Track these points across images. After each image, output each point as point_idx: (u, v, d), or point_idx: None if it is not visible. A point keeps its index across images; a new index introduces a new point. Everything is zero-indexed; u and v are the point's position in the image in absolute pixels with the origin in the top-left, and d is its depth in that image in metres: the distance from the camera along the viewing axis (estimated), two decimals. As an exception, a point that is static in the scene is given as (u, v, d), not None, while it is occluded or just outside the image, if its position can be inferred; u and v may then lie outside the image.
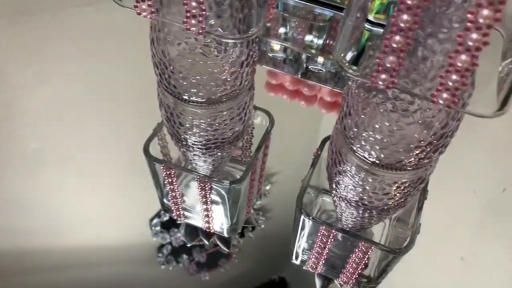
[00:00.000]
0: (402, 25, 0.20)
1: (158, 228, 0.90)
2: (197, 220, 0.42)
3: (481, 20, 0.18)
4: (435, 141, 0.26)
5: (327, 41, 0.39)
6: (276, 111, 0.40)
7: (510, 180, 0.45)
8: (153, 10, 0.25)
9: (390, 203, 0.31)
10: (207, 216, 0.40)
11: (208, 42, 0.27)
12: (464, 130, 0.26)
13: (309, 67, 0.43)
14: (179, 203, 0.40)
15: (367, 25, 0.24)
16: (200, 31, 0.24)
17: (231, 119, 0.33)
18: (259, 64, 0.48)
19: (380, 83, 0.22)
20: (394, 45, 0.21)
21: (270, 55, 0.44)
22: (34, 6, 0.43)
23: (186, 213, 0.42)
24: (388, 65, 0.21)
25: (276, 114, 0.40)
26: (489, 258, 0.48)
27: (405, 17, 0.20)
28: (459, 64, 0.20)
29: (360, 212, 0.33)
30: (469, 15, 0.19)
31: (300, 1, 0.35)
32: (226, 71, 0.29)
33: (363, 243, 0.33)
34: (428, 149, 0.26)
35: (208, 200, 0.38)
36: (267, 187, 0.81)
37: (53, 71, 0.50)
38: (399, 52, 0.21)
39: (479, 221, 0.49)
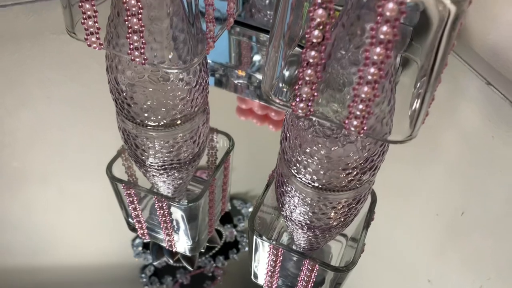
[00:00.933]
0: (311, 60, 0.22)
1: (140, 248, 0.91)
2: (160, 240, 0.43)
3: (375, 57, 0.21)
4: (360, 164, 0.28)
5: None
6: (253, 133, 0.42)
7: (468, 204, 0.47)
8: (101, 42, 0.27)
9: (330, 222, 0.33)
10: (168, 235, 0.41)
11: (155, 71, 0.29)
12: (424, 154, 0.28)
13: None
14: (142, 222, 0.42)
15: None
16: (143, 61, 0.27)
17: (185, 141, 0.35)
18: (224, 89, 0.51)
19: (300, 111, 0.24)
20: (307, 78, 0.23)
21: (235, 81, 0.46)
22: (14, 33, 0.46)
23: (151, 232, 0.44)
24: (304, 95, 0.24)
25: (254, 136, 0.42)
26: (455, 280, 0.49)
27: (312, 53, 0.22)
28: (363, 95, 0.22)
29: (305, 231, 0.34)
30: (366, 53, 0.21)
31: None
32: (176, 97, 0.31)
33: (307, 261, 0.34)
34: (355, 172, 0.28)
35: (167, 219, 0.39)
36: (250, 209, 0.83)
37: (34, 94, 0.53)
38: (312, 84, 0.23)
39: (443, 243, 0.50)
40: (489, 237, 0.44)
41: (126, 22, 0.25)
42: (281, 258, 0.36)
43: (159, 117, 0.32)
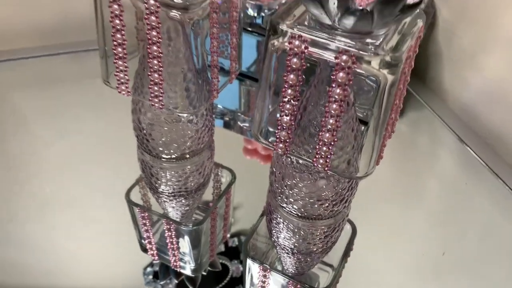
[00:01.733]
0: (286, 111, 0.29)
1: (150, 277, 0.96)
2: (168, 260, 0.49)
3: (332, 111, 0.27)
4: (332, 197, 0.34)
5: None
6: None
7: (448, 245, 0.51)
8: (129, 90, 0.35)
9: (311, 248, 0.38)
10: (174, 255, 0.47)
11: (170, 114, 0.36)
12: (409, 197, 0.33)
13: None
14: (152, 243, 0.48)
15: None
16: (161, 107, 0.34)
17: (192, 172, 0.41)
18: (232, 131, 0.58)
19: (279, 151, 0.31)
20: (284, 124, 0.30)
21: (241, 124, 0.53)
22: (59, 77, 0.55)
23: (160, 253, 0.50)
24: (282, 138, 0.30)
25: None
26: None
27: (287, 106, 0.29)
28: (325, 140, 0.28)
29: (290, 255, 0.40)
30: (326, 108, 0.27)
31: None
32: (186, 135, 0.38)
33: (291, 281, 0.40)
34: (327, 203, 0.34)
35: (174, 241, 0.46)
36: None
37: (69, 128, 0.61)
38: (288, 129, 0.30)
39: (430, 282, 0.54)
40: (468, 275, 0.48)
41: (149, 76, 0.32)
42: (269, 279, 0.41)
43: (171, 151, 0.39)
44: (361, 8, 0.24)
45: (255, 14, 0.49)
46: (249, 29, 0.50)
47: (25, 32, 0.61)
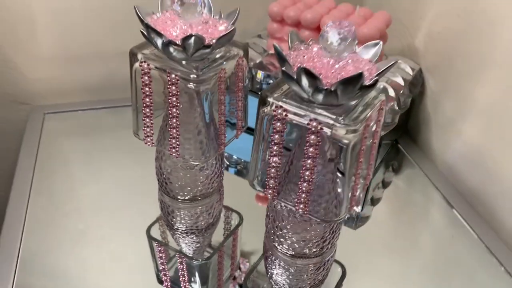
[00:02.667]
0: (274, 163, 0.36)
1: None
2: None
3: (308, 166, 0.34)
4: (315, 238, 0.40)
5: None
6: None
7: None
8: (153, 142, 0.43)
9: (301, 284, 0.44)
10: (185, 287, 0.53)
11: (185, 162, 0.44)
12: (401, 247, 0.37)
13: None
14: (167, 276, 0.54)
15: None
16: (177, 156, 0.42)
17: (202, 212, 0.48)
18: (244, 178, 0.65)
19: (269, 196, 0.38)
20: (272, 174, 0.37)
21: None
22: (99, 127, 0.64)
23: (173, 285, 0.56)
24: (270, 185, 0.37)
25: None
26: None
27: (275, 159, 0.36)
28: (304, 189, 0.35)
29: (282, 291, 0.45)
30: (303, 163, 0.34)
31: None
32: (197, 180, 0.46)
33: (282, 314, 0.45)
34: (310, 244, 0.40)
35: (185, 273, 0.52)
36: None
37: (105, 172, 0.69)
38: (276, 178, 0.37)
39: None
40: None
41: (169, 131, 0.40)
42: (264, 311, 0.47)
43: (185, 193, 0.46)
44: (326, 87, 0.31)
45: (264, 81, 0.57)
46: (259, 93, 0.58)
47: (74, 88, 0.72)
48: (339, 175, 0.36)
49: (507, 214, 0.54)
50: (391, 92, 0.56)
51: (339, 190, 0.37)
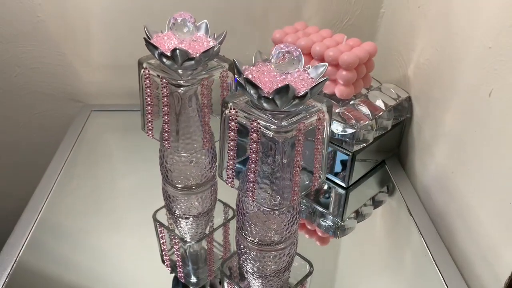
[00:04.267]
0: (230, 156, 0.44)
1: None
2: (176, 272, 0.63)
3: (252, 165, 0.42)
4: (276, 230, 0.46)
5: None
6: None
7: None
8: (153, 134, 0.53)
9: (268, 269, 0.50)
10: (179, 267, 0.62)
11: (185, 157, 0.53)
12: (390, 260, 0.43)
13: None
14: (167, 256, 0.62)
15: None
16: (168, 147, 0.51)
17: (199, 198, 0.57)
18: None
19: (228, 183, 0.45)
20: (229, 166, 0.44)
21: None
22: (137, 126, 0.75)
23: (172, 266, 0.64)
24: (229, 175, 0.45)
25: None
26: None
27: (231, 153, 0.44)
28: (251, 179, 0.43)
29: (256, 278, 0.52)
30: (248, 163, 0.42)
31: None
32: (192, 172, 0.54)
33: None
34: (272, 232, 0.47)
35: (178, 253, 0.60)
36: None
37: (140, 166, 0.78)
38: (232, 169, 0.44)
39: None
40: None
41: (162, 127, 0.50)
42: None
43: (186, 182, 0.55)
44: (264, 95, 0.39)
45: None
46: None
47: (120, 92, 0.86)
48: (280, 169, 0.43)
49: (459, 233, 0.56)
50: (367, 112, 0.61)
51: (284, 183, 0.44)
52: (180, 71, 0.48)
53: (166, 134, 0.51)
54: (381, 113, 0.62)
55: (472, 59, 0.53)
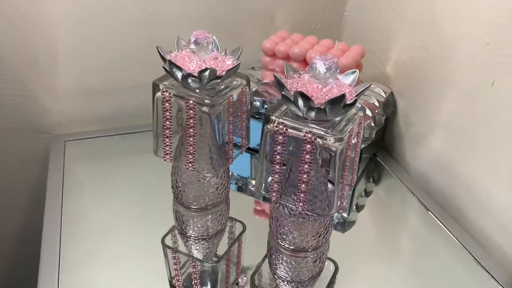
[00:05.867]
0: (276, 170, 0.44)
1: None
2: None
3: (305, 169, 0.42)
4: (311, 233, 0.48)
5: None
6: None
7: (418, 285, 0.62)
8: (171, 158, 0.51)
9: (301, 276, 0.51)
10: (197, 290, 0.60)
11: (198, 176, 0.52)
12: (386, 246, 0.45)
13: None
14: (180, 281, 0.61)
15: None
16: (192, 169, 0.50)
17: (212, 220, 0.56)
18: (244, 194, 0.73)
19: (273, 198, 0.46)
20: (275, 179, 0.45)
21: (252, 188, 0.68)
22: (112, 151, 0.71)
23: (185, 290, 0.62)
24: (274, 188, 0.45)
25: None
26: None
27: (277, 166, 0.44)
28: (302, 189, 0.43)
29: (286, 284, 0.53)
30: (301, 168, 0.43)
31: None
32: (208, 191, 0.53)
33: (286, 304, 0.52)
34: (307, 239, 0.48)
35: (197, 276, 0.59)
36: None
37: (116, 192, 0.76)
38: (279, 183, 0.45)
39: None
40: None
41: (186, 149, 0.48)
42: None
43: (199, 203, 0.54)
44: (317, 106, 0.40)
45: (260, 106, 0.66)
46: (257, 116, 0.67)
47: (89, 118, 0.80)
48: (330, 178, 0.44)
49: (472, 211, 0.63)
50: (368, 112, 0.65)
51: (329, 190, 0.45)
52: (205, 92, 0.47)
53: (190, 157, 0.49)
54: (377, 110, 0.66)
55: (467, 54, 0.60)
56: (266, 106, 0.66)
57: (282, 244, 0.50)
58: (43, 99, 0.75)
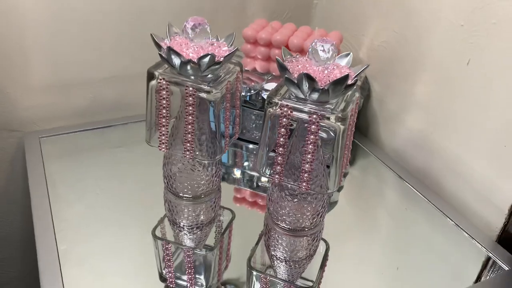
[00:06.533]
0: (280, 152, 0.45)
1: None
2: (184, 286, 0.61)
3: (309, 150, 0.44)
4: (311, 212, 0.49)
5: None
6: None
7: (399, 258, 0.66)
8: (168, 147, 0.50)
9: (299, 255, 0.53)
10: (190, 280, 0.60)
11: (193, 164, 0.52)
12: (366, 223, 0.47)
13: (258, 183, 0.68)
14: (172, 273, 0.60)
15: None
16: (191, 157, 0.49)
17: (206, 208, 0.56)
18: (226, 182, 0.73)
19: (276, 180, 0.47)
20: (278, 161, 0.46)
21: (234, 176, 0.69)
22: (84, 148, 0.68)
23: (178, 281, 0.62)
24: (277, 170, 0.46)
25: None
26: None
27: (280, 149, 0.45)
28: (306, 169, 0.45)
29: (284, 263, 0.54)
30: (305, 148, 0.44)
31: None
32: (202, 179, 0.53)
33: (288, 285, 0.53)
34: (307, 218, 0.49)
35: (191, 265, 0.58)
36: None
37: (88, 190, 0.73)
38: (281, 164, 0.46)
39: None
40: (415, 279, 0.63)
41: (184, 137, 0.48)
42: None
43: (192, 192, 0.54)
44: (321, 87, 0.42)
45: (246, 94, 0.67)
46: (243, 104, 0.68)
47: (63, 114, 0.76)
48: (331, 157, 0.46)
49: (451, 183, 0.68)
50: None
51: (330, 169, 0.47)
52: (200, 78, 0.47)
53: (189, 145, 0.49)
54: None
55: (441, 37, 0.64)
56: (249, 93, 0.67)
57: (281, 225, 0.51)
58: (13, 95, 0.70)
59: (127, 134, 0.78)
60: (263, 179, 0.70)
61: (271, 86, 0.70)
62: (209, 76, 0.48)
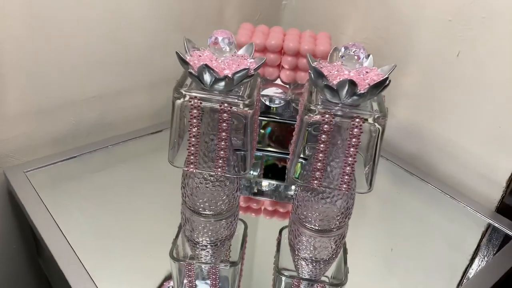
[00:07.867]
0: (320, 158, 0.46)
1: None
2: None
3: (351, 153, 0.45)
4: (341, 213, 0.51)
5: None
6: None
7: (394, 241, 0.69)
8: (196, 167, 0.48)
9: (325, 255, 0.54)
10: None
11: (216, 180, 0.50)
12: (363, 209, 0.50)
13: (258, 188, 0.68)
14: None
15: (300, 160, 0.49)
16: (222, 173, 0.48)
17: (224, 226, 0.54)
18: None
19: (315, 185, 0.47)
20: (318, 167, 0.46)
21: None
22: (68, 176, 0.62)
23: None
24: (316, 176, 0.47)
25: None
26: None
27: (320, 155, 0.46)
28: (347, 172, 0.46)
29: (310, 264, 0.55)
30: (347, 151, 0.45)
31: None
32: (225, 196, 0.52)
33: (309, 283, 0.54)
34: (336, 220, 0.51)
35: (216, 283, 0.57)
36: None
37: (77, 219, 0.67)
38: (321, 170, 0.46)
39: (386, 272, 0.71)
40: (411, 261, 0.67)
41: (217, 154, 0.47)
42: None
43: (212, 209, 0.51)
44: (361, 92, 0.43)
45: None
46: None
47: (42, 142, 0.69)
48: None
49: (444, 165, 0.74)
50: None
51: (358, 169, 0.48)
52: (235, 91, 0.46)
53: (221, 162, 0.48)
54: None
55: (429, 31, 0.67)
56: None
57: (309, 226, 0.52)
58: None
59: (118, 155, 0.75)
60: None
61: (269, 91, 0.70)
62: (236, 90, 0.47)
